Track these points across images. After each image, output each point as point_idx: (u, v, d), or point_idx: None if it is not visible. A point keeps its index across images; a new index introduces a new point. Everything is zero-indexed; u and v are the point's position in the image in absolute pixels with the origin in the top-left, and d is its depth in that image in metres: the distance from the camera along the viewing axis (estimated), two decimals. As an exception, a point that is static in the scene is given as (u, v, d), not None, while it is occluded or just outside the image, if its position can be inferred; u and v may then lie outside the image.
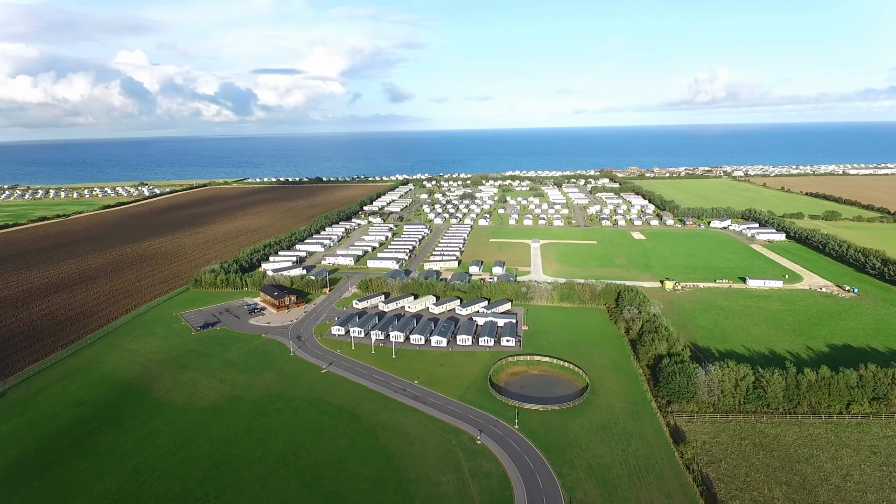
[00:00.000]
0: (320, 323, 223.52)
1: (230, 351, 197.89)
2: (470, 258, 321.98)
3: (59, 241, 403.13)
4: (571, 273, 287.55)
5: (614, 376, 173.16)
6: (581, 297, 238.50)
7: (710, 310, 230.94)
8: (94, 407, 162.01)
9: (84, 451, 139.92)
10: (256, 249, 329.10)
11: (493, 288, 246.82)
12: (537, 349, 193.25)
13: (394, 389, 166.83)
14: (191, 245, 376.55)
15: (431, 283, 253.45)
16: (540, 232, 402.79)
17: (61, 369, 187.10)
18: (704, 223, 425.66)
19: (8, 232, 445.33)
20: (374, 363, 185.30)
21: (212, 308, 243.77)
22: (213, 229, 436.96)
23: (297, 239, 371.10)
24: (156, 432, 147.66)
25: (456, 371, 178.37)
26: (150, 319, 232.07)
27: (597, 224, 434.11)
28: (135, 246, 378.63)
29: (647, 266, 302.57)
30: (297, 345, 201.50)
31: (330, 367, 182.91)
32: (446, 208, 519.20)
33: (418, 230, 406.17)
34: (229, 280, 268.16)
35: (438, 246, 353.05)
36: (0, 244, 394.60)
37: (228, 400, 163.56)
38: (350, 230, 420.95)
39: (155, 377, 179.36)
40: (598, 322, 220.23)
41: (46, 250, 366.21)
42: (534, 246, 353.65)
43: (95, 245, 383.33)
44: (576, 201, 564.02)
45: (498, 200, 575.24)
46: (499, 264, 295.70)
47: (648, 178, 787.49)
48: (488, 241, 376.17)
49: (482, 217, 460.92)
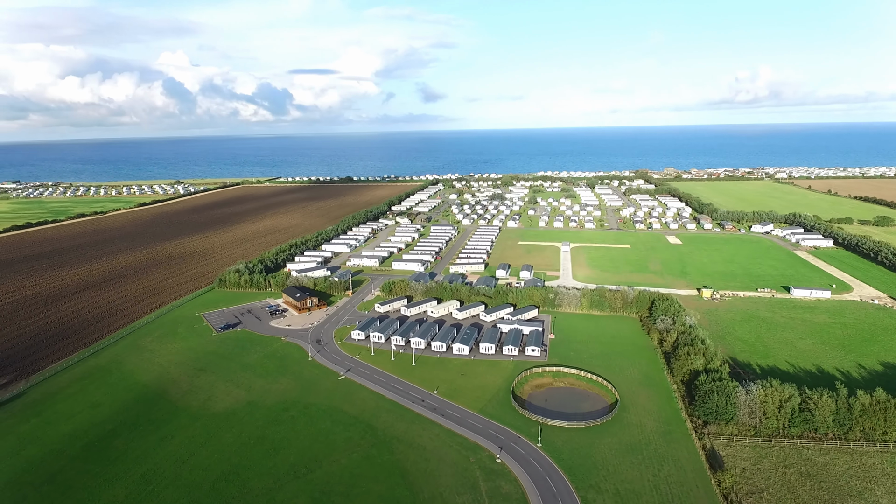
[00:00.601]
0: (341, 327, 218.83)
1: (249, 354, 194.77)
2: (497, 261, 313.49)
3: (93, 238, 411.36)
4: (602, 279, 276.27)
5: (646, 392, 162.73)
6: (612, 305, 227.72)
7: (751, 321, 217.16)
8: (110, 409, 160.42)
9: (95, 456, 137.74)
10: (282, 249, 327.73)
11: (519, 293, 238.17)
12: (564, 360, 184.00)
13: (412, 400, 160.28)
14: (219, 244, 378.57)
15: (456, 287, 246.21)
16: (570, 235, 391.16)
17: (82, 369, 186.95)
18: (745, 227, 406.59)
19: (47, 228, 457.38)
20: (394, 371, 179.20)
21: (234, 309, 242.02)
22: (243, 228, 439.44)
23: (323, 239, 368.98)
24: (168, 438, 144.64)
25: (477, 381, 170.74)
26: (173, 319, 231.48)
27: (630, 227, 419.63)
28: (165, 244, 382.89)
29: (683, 272, 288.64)
30: (317, 349, 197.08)
31: (348, 373, 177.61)
32: (475, 209, 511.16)
33: (445, 231, 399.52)
34: (253, 280, 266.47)
35: (465, 248, 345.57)
36: (38, 241, 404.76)
37: (243, 406, 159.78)
38: (377, 230, 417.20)
39: (172, 380, 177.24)
40: (629, 332, 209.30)
41: (80, 248, 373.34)
42: (564, 249, 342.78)
43: (128, 243, 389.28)
44: (609, 203, 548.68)
45: (528, 202, 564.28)
46: (526, 268, 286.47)
47: (685, 180, 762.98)
48: (516, 243, 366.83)
49: (511, 219, 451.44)
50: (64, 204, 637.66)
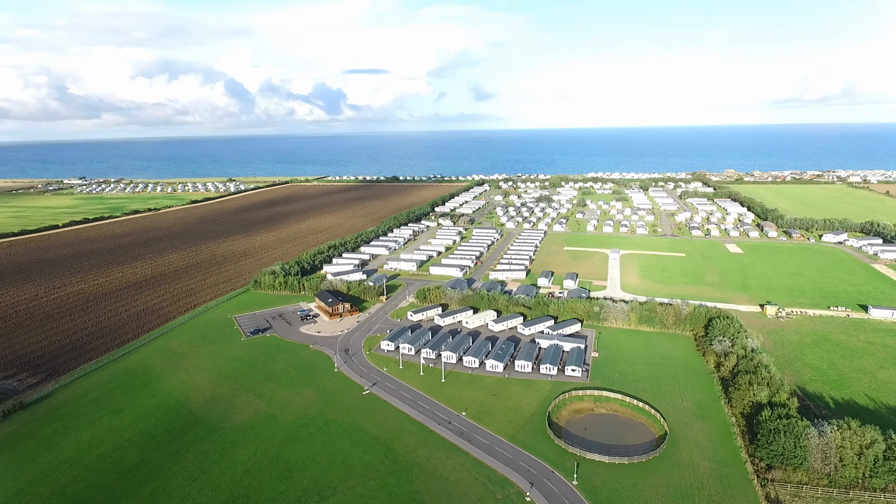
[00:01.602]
0: (371, 335, 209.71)
1: (275, 362, 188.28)
2: (539, 268, 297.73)
3: (142, 237, 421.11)
4: (654, 290, 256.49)
5: (700, 425, 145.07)
6: (664, 321, 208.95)
7: (823, 345, 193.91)
8: (130, 416, 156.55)
9: (108, 467, 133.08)
10: (320, 251, 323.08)
11: (561, 305, 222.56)
12: (608, 382, 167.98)
13: (438, 421, 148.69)
14: (261, 244, 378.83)
15: (493, 296, 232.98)
16: (620, 240, 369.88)
17: (111, 371, 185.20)
18: (815, 236, 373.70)
19: (101, 224, 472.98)
20: (421, 387, 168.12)
21: (266, 312, 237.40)
22: (285, 228, 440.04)
23: (362, 241, 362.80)
24: (182, 451, 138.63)
25: (510, 403, 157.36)
26: (205, 322, 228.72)
27: (686, 233, 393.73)
28: (209, 243, 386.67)
29: (745, 286, 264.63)
30: (344, 359, 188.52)
31: (373, 387, 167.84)
32: (520, 211, 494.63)
33: (488, 234, 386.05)
34: (287, 283, 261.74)
35: (507, 253, 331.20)
36: (91, 237, 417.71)
37: (262, 419, 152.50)
38: (418, 232, 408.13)
39: (195, 387, 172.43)
40: (682, 352, 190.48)
41: (129, 246, 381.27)
42: (612, 256, 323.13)
43: (174, 242, 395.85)
44: (663, 207, 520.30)
45: (576, 204, 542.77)
46: (571, 277, 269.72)
47: (747, 183, 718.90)
48: (562, 248, 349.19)
49: (558, 222, 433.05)
50: (122, 200, 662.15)
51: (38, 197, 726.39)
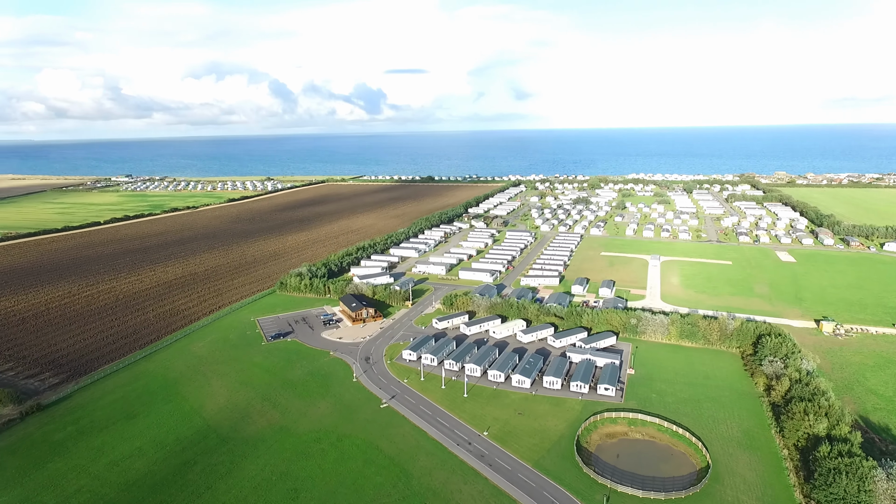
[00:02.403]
0: (393, 343, 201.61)
1: (293, 369, 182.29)
2: (574, 274, 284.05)
3: (177, 236, 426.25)
4: (697, 301, 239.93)
5: (747, 457, 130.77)
6: (707, 336, 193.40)
7: (888, 367, 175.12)
8: (144, 422, 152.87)
9: (115, 478, 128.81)
10: (349, 252, 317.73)
11: (595, 315, 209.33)
12: (644, 404, 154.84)
13: (457, 441, 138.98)
14: (292, 244, 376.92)
15: (523, 304, 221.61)
16: (662, 246, 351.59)
17: (131, 373, 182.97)
18: (876, 245, 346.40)
19: (141, 222, 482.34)
20: (442, 402, 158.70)
21: (289, 315, 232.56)
22: (317, 229, 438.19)
23: (392, 242, 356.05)
24: (191, 464, 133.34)
25: (536, 424, 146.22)
26: (228, 324, 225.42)
27: (733, 240, 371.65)
28: (240, 242, 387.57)
29: (798, 298, 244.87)
30: (363, 368, 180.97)
31: (391, 400, 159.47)
32: (556, 214, 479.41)
33: (522, 238, 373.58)
34: (313, 285, 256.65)
35: (540, 257, 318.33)
36: (130, 236, 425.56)
37: (275, 431, 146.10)
38: (449, 234, 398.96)
39: (211, 393, 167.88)
40: (728, 372, 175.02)
41: (163, 246, 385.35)
42: (652, 263, 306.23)
43: (207, 241, 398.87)
44: (708, 211, 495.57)
45: (616, 206, 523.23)
46: (607, 284, 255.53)
47: (800, 186, 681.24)
48: (599, 254, 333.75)
49: (595, 225, 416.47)
50: (163, 198, 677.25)
51: (86, 194, 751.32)
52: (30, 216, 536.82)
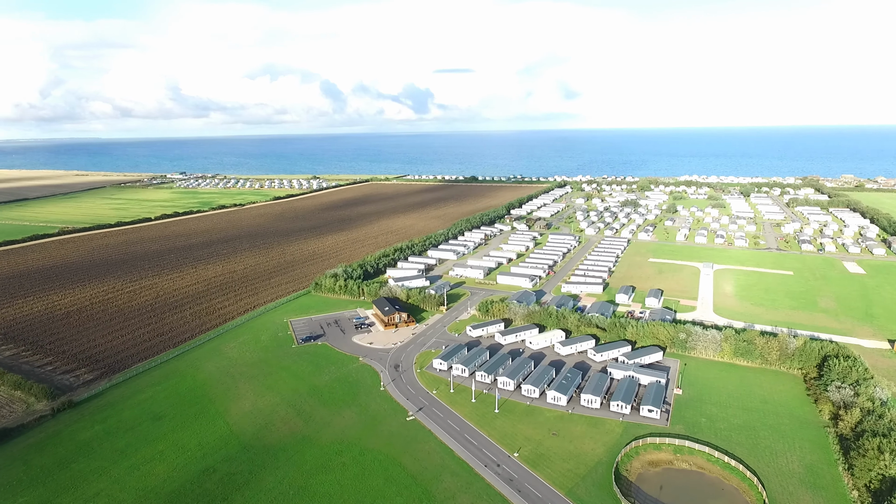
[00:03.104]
0: (425, 350, 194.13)
1: (321, 374, 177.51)
2: (619, 282, 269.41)
3: (222, 234, 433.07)
4: (753, 315, 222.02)
5: (809, 497, 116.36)
6: (765, 355, 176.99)
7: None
8: (168, 425, 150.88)
9: (133, 483, 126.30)
10: (386, 254, 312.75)
11: (641, 328, 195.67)
12: (692, 429, 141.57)
13: (485, 462, 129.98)
14: (331, 244, 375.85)
15: (563, 313, 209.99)
16: (716, 253, 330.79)
17: (161, 372, 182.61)
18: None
19: (189, 218, 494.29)
20: (471, 417, 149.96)
21: (322, 317, 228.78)
22: (357, 228, 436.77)
23: (430, 244, 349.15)
24: (209, 472, 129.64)
25: (572, 447, 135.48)
26: (261, 324, 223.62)
27: (795, 248, 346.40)
28: (280, 241, 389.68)
29: (868, 315, 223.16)
30: (392, 376, 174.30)
31: (418, 413, 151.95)
32: (602, 216, 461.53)
33: (565, 241, 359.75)
34: (347, 287, 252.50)
35: (584, 263, 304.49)
36: (177, 233, 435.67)
37: (297, 440, 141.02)
38: (490, 236, 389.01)
39: (238, 396, 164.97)
40: (788, 397, 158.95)
41: (208, 244, 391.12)
42: (705, 272, 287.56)
43: (250, 240, 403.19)
44: (767, 216, 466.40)
45: (666, 210, 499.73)
46: (654, 294, 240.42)
47: (870, 190, 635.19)
48: (646, 260, 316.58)
49: (644, 229, 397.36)
50: (213, 195, 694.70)
51: (142, 190, 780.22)
52: (87, 211, 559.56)
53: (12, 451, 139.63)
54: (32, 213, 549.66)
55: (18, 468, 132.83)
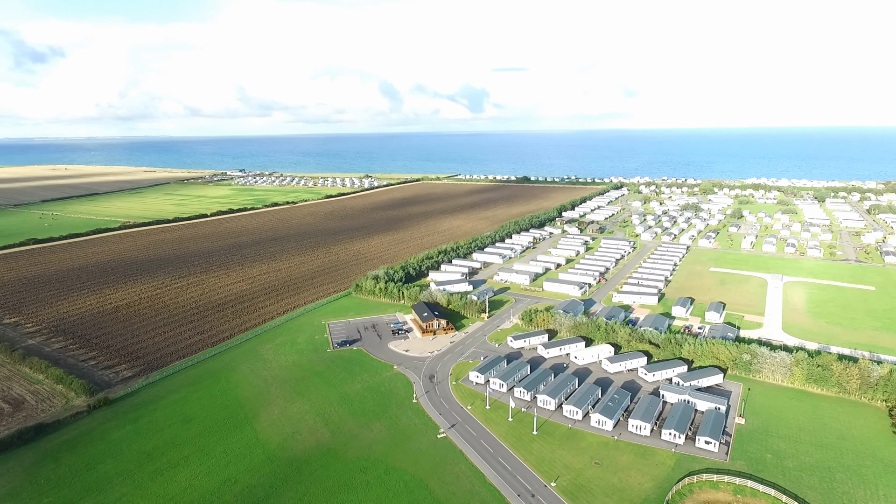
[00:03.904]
0: (462, 361, 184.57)
1: (353, 381, 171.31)
2: (676, 293, 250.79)
3: (271, 233, 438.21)
4: (829, 336, 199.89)
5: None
6: (843, 383, 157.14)
7: None
8: (198, 427, 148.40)
9: (156, 489, 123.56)
10: (430, 256, 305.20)
11: (699, 346, 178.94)
12: (755, 466, 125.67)
13: (518, 490, 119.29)
14: (376, 244, 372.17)
15: (613, 326, 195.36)
16: (786, 264, 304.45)
17: (197, 372, 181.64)
18: None
19: (242, 216, 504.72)
20: (507, 438, 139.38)
21: (360, 321, 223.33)
22: (404, 229, 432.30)
23: (476, 246, 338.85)
24: (231, 482, 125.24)
25: (616, 479, 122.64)
26: (299, 325, 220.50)
27: (877, 260, 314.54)
28: (327, 240, 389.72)
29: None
30: (426, 387, 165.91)
31: (450, 430, 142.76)
32: (660, 221, 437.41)
33: (618, 247, 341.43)
34: (387, 290, 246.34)
35: (638, 270, 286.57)
36: (230, 230, 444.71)
37: (322, 454, 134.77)
38: (539, 240, 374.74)
39: (268, 401, 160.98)
40: (870, 433, 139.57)
41: (258, 243, 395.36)
42: (773, 284, 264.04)
43: (298, 238, 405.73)
44: (844, 223, 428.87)
45: (731, 215, 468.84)
46: (715, 307, 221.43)
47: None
48: (707, 269, 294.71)
49: (705, 236, 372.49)
50: (268, 192, 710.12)
51: (203, 187, 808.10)
52: (150, 206, 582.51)
53: (46, 448, 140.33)
54: (100, 208, 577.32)
55: (48, 466, 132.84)
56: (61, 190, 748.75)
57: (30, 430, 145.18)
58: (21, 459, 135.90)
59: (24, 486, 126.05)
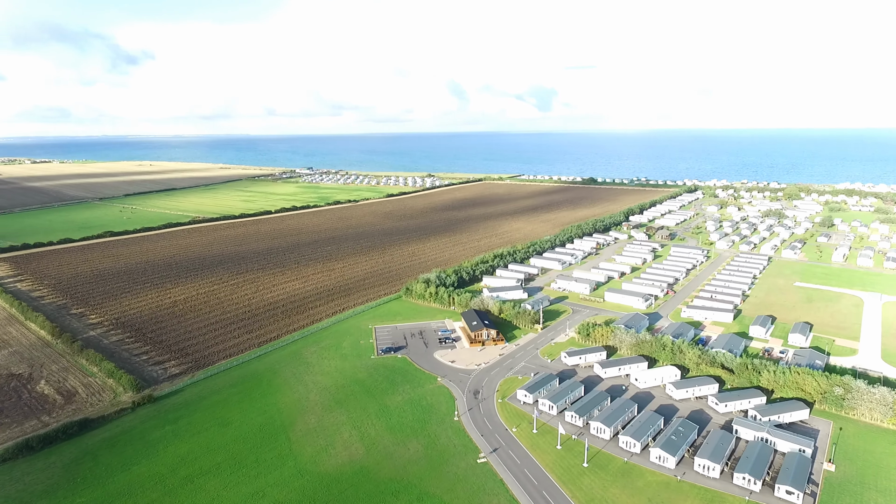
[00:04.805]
0: (510, 377, 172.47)
1: (395, 393, 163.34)
2: (755, 310, 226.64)
3: (330, 233, 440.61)
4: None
5: None
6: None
7: None
8: (234, 433, 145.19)
9: (183, 498, 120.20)
10: (484, 260, 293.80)
11: (781, 374, 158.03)
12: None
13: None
14: (433, 246, 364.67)
15: (680, 346, 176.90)
16: (885, 280, 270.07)
17: (241, 373, 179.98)
18: None
19: (304, 213, 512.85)
20: (554, 469, 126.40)
21: (407, 326, 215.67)
22: (460, 230, 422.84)
23: (535, 251, 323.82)
24: (258, 495, 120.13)
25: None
26: (345, 329, 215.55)
27: None
28: (383, 240, 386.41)
29: None
30: (469, 404, 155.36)
31: (492, 455, 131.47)
32: (738, 228, 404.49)
33: (690, 255, 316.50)
34: (438, 295, 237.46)
35: (712, 283, 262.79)
36: (291, 228, 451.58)
37: (354, 471, 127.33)
38: (602, 245, 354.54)
39: (306, 409, 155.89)
40: None
41: (316, 243, 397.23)
42: (870, 304, 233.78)
43: (355, 238, 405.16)
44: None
45: (820, 223, 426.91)
46: (800, 329, 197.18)
47: None
48: (791, 284, 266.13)
49: (790, 246, 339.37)
50: (332, 191, 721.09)
51: (272, 184, 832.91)
52: (220, 202, 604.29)
53: (87, 445, 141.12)
54: (175, 202, 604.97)
55: (87, 465, 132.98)
56: (143, 185, 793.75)
57: (74, 424, 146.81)
58: (63, 455, 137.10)
59: (61, 483, 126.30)
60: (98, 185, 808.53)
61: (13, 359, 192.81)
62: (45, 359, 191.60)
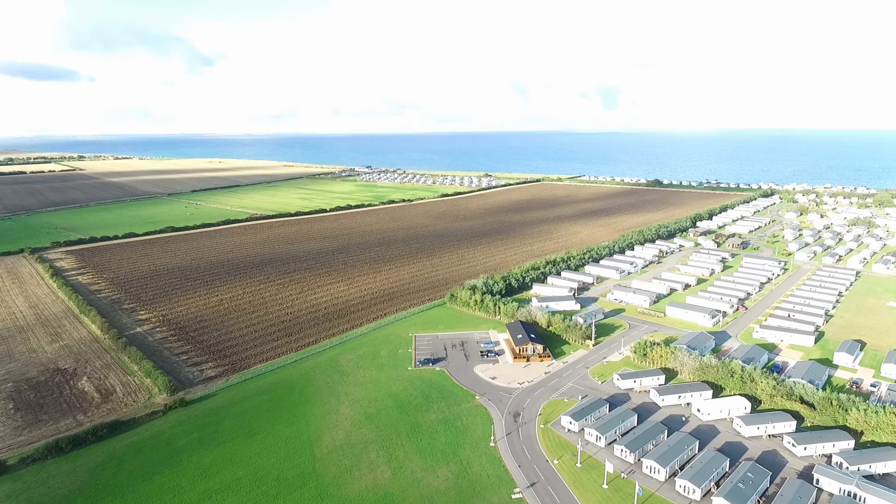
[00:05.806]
0: (555, 399, 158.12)
1: (428, 410, 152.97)
2: (840, 333, 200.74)
3: (381, 235, 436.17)
4: None
5: None
6: None
7: None
8: (258, 446, 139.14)
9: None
10: (535, 266, 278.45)
11: (873, 413, 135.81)
12: None
13: None
14: (482, 251, 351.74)
15: (751, 373, 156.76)
16: None
17: (275, 379, 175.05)
18: None
19: (358, 212, 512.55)
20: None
21: (449, 336, 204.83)
22: (513, 233, 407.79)
23: (591, 258, 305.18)
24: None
25: None
26: (385, 336, 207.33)
27: None
28: (432, 244, 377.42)
29: None
30: (508, 428, 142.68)
31: (529, 490, 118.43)
32: (820, 237, 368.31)
33: (764, 266, 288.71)
34: (483, 303, 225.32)
35: (789, 299, 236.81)
36: (344, 228, 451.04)
37: (378, 497, 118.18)
38: (666, 253, 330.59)
39: (334, 424, 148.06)
40: None
41: (365, 245, 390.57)
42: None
43: (404, 240, 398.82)
44: None
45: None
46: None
47: None
48: (884, 304, 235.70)
49: (881, 259, 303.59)
50: (388, 189, 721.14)
51: (331, 182, 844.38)
52: (279, 200, 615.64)
53: (114, 449, 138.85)
54: (237, 199, 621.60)
55: (111, 470, 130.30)
56: (210, 181, 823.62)
57: (105, 426, 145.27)
58: (90, 458, 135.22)
59: (82, 489, 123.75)
60: (169, 181, 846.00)
61: (62, 353, 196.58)
62: (91, 354, 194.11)
